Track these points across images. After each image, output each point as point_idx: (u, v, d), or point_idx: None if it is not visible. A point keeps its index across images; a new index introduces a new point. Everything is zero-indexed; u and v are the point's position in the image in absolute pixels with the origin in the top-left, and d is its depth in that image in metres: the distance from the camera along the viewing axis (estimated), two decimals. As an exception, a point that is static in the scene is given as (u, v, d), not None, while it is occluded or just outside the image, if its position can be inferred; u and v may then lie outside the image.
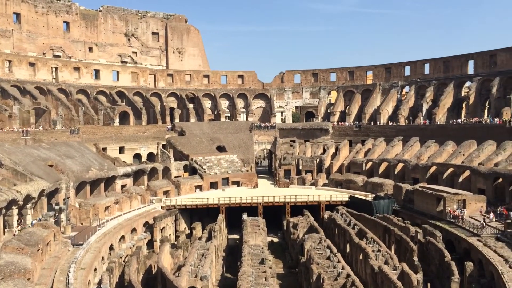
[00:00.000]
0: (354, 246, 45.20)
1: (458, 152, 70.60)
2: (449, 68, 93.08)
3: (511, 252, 38.00)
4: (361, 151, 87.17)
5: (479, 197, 55.12)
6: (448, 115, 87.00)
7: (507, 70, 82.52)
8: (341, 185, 77.65)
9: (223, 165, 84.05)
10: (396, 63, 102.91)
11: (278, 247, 61.52)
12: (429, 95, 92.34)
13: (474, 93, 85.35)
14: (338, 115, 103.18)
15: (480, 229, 46.21)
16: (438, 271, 40.53)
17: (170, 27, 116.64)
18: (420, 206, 58.86)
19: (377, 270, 36.00)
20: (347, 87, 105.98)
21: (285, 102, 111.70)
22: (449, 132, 78.36)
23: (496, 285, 34.18)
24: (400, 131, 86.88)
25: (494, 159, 63.13)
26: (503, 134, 68.61)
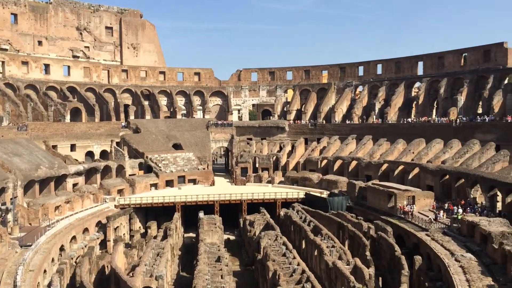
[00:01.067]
0: (309, 243, 45.93)
1: (408, 150, 73.22)
2: (400, 68, 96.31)
3: (457, 246, 39.79)
4: (316, 149, 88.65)
5: (428, 193, 57.41)
6: (399, 114, 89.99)
7: (454, 71, 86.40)
8: (297, 182, 78.68)
9: (179, 163, 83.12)
10: (350, 63, 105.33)
11: (235, 245, 61.55)
12: (381, 95, 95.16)
13: (423, 93, 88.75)
14: (294, 114, 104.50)
15: (428, 224, 48.15)
16: (389, 265, 41.87)
17: (124, 22, 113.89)
18: (372, 202, 60.59)
19: (331, 265, 36.76)
20: (303, 85, 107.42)
21: (242, 100, 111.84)
22: (400, 130, 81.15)
23: (443, 277, 35.71)
24: (354, 130, 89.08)
25: (442, 157, 65.95)
26: (450, 133, 71.84)
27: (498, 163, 57.85)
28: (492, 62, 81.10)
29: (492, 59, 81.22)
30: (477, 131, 69.22)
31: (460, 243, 40.45)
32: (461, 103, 79.98)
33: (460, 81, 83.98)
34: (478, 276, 32.36)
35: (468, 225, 41.98)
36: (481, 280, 31.50)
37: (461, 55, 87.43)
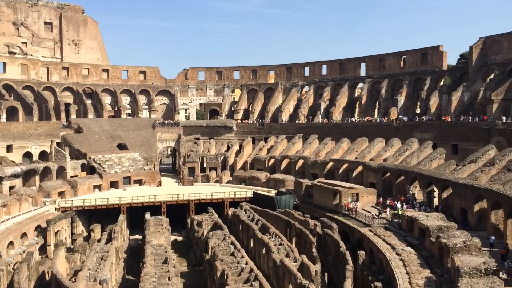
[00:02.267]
0: (257, 241, 46.22)
1: (352, 148, 75.50)
2: (344, 69, 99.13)
3: (397, 240, 41.50)
4: (264, 148, 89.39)
5: (371, 190, 59.53)
6: (343, 114, 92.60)
7: (394, 73, 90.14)
8: (245, 181, 78.96)
9: (124, 164, 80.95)
10: (297, 64, 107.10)
11: (183, 245, 60.83)
12: (326, 95, 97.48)
13: (366, 93, 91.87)
14: (242, 113, 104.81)
15: (371, 220, 49.89)
16: (334, 261, 42.97)
17: (65, 17, 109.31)
18: (318, 200, 61.93)
19: (279, 263, 37.18)
20: (251, 85, 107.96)
21: (189, 99, 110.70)
22: (344, 130, 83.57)
23: (385, 271, 37.13)
24: (300, 129, 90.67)
25: (383, 155, 68.55)
26: (391, 132, 74.87)
27: (434, 160, 60.88)
28: (429, 65, 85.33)
29: (429, 62, 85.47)
30: (415, 130, 72.58)
31: (401, 237, 42.20)
32: (401, 104, 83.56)
33: (399, 82, 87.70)
34: (417, 268, 33.89)
35: (408, 220, 43.87)
36: (420, 272, 33.02)
37: (401, 58, 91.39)
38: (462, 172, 52.04)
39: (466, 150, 62.24)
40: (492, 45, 74.46)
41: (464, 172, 52.12)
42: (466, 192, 46.60)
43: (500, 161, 49.51)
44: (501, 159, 49.81)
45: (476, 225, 44.91)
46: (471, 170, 51.98)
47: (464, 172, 52.10)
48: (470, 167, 52.58)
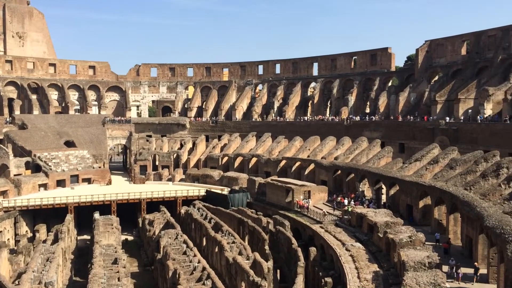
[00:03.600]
0: (210, 239, 46.02)
1: (304, 147, 76.69)
2: (297, 69, 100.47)
3: (347, 236, 42.56)
4: (217, 146, 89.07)
5: (322, 187, 60.73)
6: (296, 113, 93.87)
7: (345, 73, 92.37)
8: (198, 180, 78.36)
9: (72, 162, 78.17)
10: (251, 62, 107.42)
11: (133, 245, 59.61)
12: (279, 94, 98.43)
13: (318, 93, 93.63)
14: (195, 111, 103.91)
15: (322, 217, 50.88)
16: (286, 258, 43.50)
17: (8, 8, 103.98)
18: (271, 198, 62.46)
19: (232, 261, 37.19)
20: (204, 83, 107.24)
21: (141, 96, 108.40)
22: (297, 128, 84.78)
23: (335, 266, 38.00)
24: (254, 127, 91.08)
25: (334, 153, 70.10)
26: (342, 131, 76.74)
27: (383, 158, 62.93)
28: (378, 66, 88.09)
29: (378, 63, 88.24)
30: (365, 129, 74.76)
31: (350, 234, 43.31)
32: (352, 103, 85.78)
33: (350, 82, 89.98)
34: (365, 263, 34.91)
35: (357, 217, 45.10)
36: (368, 267, 34.04)
37: (352, 58, 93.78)
38: (408, 170, 54.10)
39: (412, 149, 64.80)
40: (436, 48, 77.86)
41: (410, 169, 54.20)
42: (412, 189, 48.51)
43: (443, 159, 51.85)
44: (444, 157, 52.17)
45: (421, 220, 46.85)
46: (417, 168, 54.10)
47: (410, 169, 54.19)
48: (416, 165, 54.71)
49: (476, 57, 71.01)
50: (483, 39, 70.65)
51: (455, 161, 48.89)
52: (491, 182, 40.51)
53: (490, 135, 56.21)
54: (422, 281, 27.09)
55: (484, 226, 30.87)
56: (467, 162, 47.47)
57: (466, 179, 43.67)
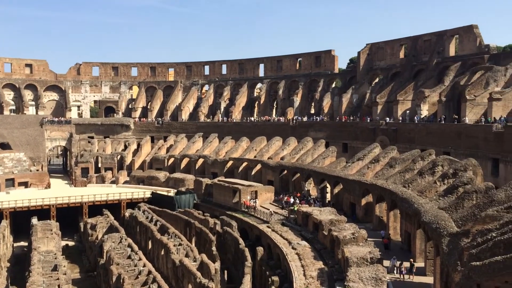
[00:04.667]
0: (156, 242, 45.17)
1: (251, 147, 77.13)
2: (244, 70, 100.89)
3: (293, 235, 43.25)
4: (163, 147, 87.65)
5: (269, 187, 61.35)
6: (243, 113, 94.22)
7: (291, 74, 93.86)
8: (143, 181, 76.73)
9: (7, 165, 73.98)
10: (197, 62, 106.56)
11: (75, 251, 57.33)
12: (226, 94, 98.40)
13: (265, 94, 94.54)
14: (140, 111, 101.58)
15: (269, 216, 51.37)
16: (234, 258, 43.53)
17: None
18: (218, 198, 62.28)
19: (178, 263, 36.70)
20: (149, 83, 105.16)
21: (82, 96, 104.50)
22: (244, 129, 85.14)
23: (281, 265, 38.50)
24: (200, 128, 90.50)
25: (281, 153, 71.02)
26: (288, 131, 77.95)
27: (327, 158, 64.50)
28: (322, 67, 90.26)
29: (322, 65, 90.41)
30: (310, 129, 76.37)
31: (296, 232, 44.04)
32: (297, 104, 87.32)
33: (296, 84, 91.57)
34: (311, 261, 35.64)
35: (303, 215, 45.94)
36: (313, 264, 34.77)
37: (297, 60, 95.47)
38: (351, 169, 55.80)
39: (355, 148, 66.93)
40: (377, 51, 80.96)
41: (353, 169, 55.92)
42: (355, 187, 50.11)
43: (384, 158, 53.93)
44: (384, 156, 54.28)
45: (363, 217, 48.50)
46: (359, 167, 55.91)
47: (353, 169, 55.92)
48: (358, 164, 56.53)
49: (413, 61, 74.51)
50: (419, 43, 74.27)
51: (394, 160, 50.97)
52: (428, 179, 42.59)
53: (426, 134, 59.15)
54: (364, 276, 28.01)
55: (421, 221, 32.41)
56: (405, 161, 49.63)
57: (404, 177, 45.64)
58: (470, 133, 52.68)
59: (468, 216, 30.37)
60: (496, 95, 53.07)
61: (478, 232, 25.01)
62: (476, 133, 51.80)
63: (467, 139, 52.80)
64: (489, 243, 22.19)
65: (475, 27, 66.09)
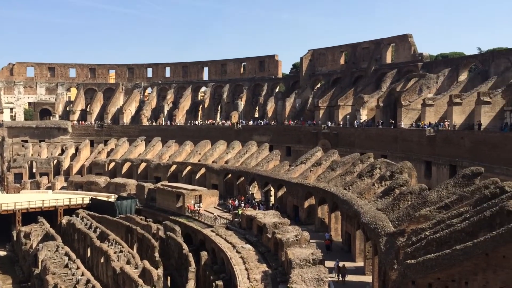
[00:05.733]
0: (95, 250, 43.60)
1: (195, 151, 76.47)
2: (188, 73, 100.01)
3: (238, 239, 43.25)
4: (103, 152, 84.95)
5: (213, 191, 61.08)
6: (187, 117, 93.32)
7: (235, 78, 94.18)
8: (81, 187, 73.90)
9: None
10: (139, 64, 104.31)
11: (7, 261, 54.24)
12: (170, 97, 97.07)
13: (209, 97, 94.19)
14: (79, 114, 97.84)
15: (213, 221, 51.10)
16: (177, 264, 42.88)
17: None
18: (161, 203, 61.18)
19: (119, 271, 35.62)
20: (88, 84, 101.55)
21: (15, 97, 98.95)
22: (188, 132, 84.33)
23: (226, 269, 38.39)
24: (143, 131, 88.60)
25: (225, 157, 70.95)
26: (232, 135, 78.09)
27: (271, 161, 65.22)
28: (266, 72, 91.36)
29: (266, 69, 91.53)
30: (254, 133, 76.98)
31: (241, 236, 44.08)
32: (241, 108, 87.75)
33: (240, 88, 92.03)
34: (255, 264, 35.79)
35: (247, 219, 46.08)
36: (258, 268, 34.93)
37: (241, 64, 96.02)
38: (295, 172, 56.76)
39: (298, 152, 68.23)
40: (319, 57, 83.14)
41: (296, 172, 56.90)
42: (298, 190, 51.00)
43: (326, 162, 55.32)
44: (326, 159, 55.68)
45: (306, 220, 49.47)
46: (302, 170, 57.00)
47: (296, 172, 56.90)
48: (301, 167, 57.62)
49: (353, 67, 77.22)
50: (359, 50, 77.11)
51: (335, 163, 52.43)
52: (367, 181, 44.17)
53: (365, 138, 61.43)
54: (307, 277, 28.53)
55: (361, 222, 33.52)
56: (346, 164, 51.19)
57: (345, 180, 47.06)
58: (405, 137, 55.32)
59: (404, 216, 31.78)
60: (429, 101, 56.07)
61: (412, 232, 26.21)
62: (411, 137, 54.47)
63: (402, 142, 55.40)
64: (423, 242, 23.31)
65: (410, 36, 69.63)
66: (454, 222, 23.40)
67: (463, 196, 28.25)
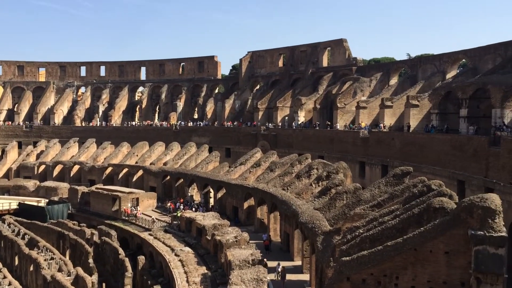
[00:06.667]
0: (24, 258, 41.17)
1: (132, 153, 74.49)
2: (124, 72, 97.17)
3: (177, 242, 42.61)
4: (32, 154, 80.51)
5: (151, 194, 59.76)
6: (123, 118, 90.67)
7: (174, 79, 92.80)
8: (8, 192, 69.71)
9: None
10: (72, 62, 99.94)
11: None
12: (105, 97, 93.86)
13: (147, 98, 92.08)
14: (5, 114, 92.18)
15: (151, 224, 49.97)
16: (113, 269, 41.46)
17: None
18: (96, 207, 58.98)
19: (50, 279, 33.84)
20: (16, 83, 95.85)
21: None
22: (125, 134, 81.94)
23: (164, 273, 37.67)
24: (76, 132, 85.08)
25: (163, 159, 69.71)
26: (171, 136, 76.89)
27: (211, 163, 64.92)
28: (205, 73, 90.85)
29: (205, 70, 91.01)
30: (193, 134, 76.30)
31: (180, 239, 43.48)
32: (180, 109, 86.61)
33: (179, 88, 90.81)
34: (194, 267, 35.43)
35: (186, 221, 45.54)
36: (197, 270, 34.61)
37: (180, 64, 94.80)
38: (234, 173, 56.88)
39: (238, 153, 68.46)
40: (258, 59, 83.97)
41: (235, 173, 57.05)
42: (237, 191, 51.16)
43: (265, 163, 55.93)
44: (265, 160, 56.29)
45: (245, 221, 49.74)
46: (241, 171, 57.26)
47: (236, 173, 57.06)
48: (241, 169, 57.87)
49: (291, 69, 78.75)
50: (296, 53, 78.77)
51: (274, 164, 53.15)
52: (304, 182, 45.16)
53: (303, 139, 62.83)
54: (246, 278, 28.64)
55: (299, 222, 34.21)
56: (284, 165, 52.04)
57: (284, 180, 47.82)
58: (341, 138, 57.21)
59: (340, 215, 32.81)
60: (362, 103, 58.35)
61: (348, 230, 27.12)
62: (346, 139, 56.42)
63: (338, 143, 57.26)
64: (357, 239, 24.18)
65: (345, 41, 72.16)
66: (386, 220, 24.46)
67: (394, 194, 29.62)
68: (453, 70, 55.78)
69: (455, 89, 44.49)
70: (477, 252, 18.95)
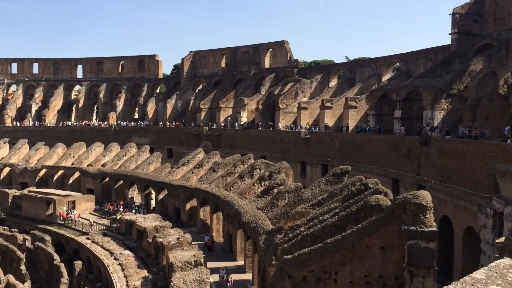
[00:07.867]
0: None
1: (68, 154, 71.40)
2: (59, 70, 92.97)
3: (116, 245, 41.37)
4: (-43, 155, 74.99)
5: (89, 196, 57.55)
6: (58, 117, 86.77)
7: (113, 77, 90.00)
8: None
9: None
10: (2, 59, 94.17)
11: None
12: (38, 96, 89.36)
13: (84, 97, 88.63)
14: None
15: (89, 228, 48.15)
16: (47, 276, 39.63)
17: None
18: (29, 211, 55.93)
19: (-23, 289, 31.76)
20: None
21: None
22: (60, 134, 78.40)
23: (103, 278, 36.44)
24: (6, 133, 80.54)
25: (102, 160, 67.42)
26: (110, 137, 74.46)
27: (152, 164, 63.62)
28: (146, 72, 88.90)
29: (146, 69, 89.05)
30: (134, 135, 74.40)
31: (119, 242, 42.27)
32: (120, 108, 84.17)
33: (118, 87, 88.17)
34: (134, 270, 34.58)
35: (126, 224, 44.36)
36: (137, 274, 33.80)
37: (119, 63, 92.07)
38: (176, 174, 56.10)
39: (180, 154, 67.57)
40: (200, 59, 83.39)
41: (178, 174, 56.28)
42: (180, 192, 50.51)
43: (207, 163, 55.65)
44: (208, 161, 56.03)
45: (188, 222, 49.21)
46: (184, 172, 56.59)
47: (178, 174, 56.29)
48: (183, 169, 57.17)
49: (234, 70, 78.91)
50: (239, 54, 79.06)
51: (217, 164, 53.01)
52: (247, 182, 45.40)
53: (246, 140, 63.14)
54: (188, 279, 28.37)
55: (242, 221, 34.35)
56: (227, 165, 52.04)
57: (227, 181, 47.82)
58: (283, 139, 58.09)
59: (282, 214, 33.31)
60: (303, 104, 59.61)
61: (289, 228, 27.59)
62: (288, 139, 57.37)
63: (280, 144, 58.10)
64: (298, 237, 24.66)
65: (286, 43, 73.36)
66: (326, 218, 25.13)
67: (333, 193, 30.48)
68: (388, 73, 58.42)
69: (390, 91, 46.57)
70: (410, 246, 19.92)
